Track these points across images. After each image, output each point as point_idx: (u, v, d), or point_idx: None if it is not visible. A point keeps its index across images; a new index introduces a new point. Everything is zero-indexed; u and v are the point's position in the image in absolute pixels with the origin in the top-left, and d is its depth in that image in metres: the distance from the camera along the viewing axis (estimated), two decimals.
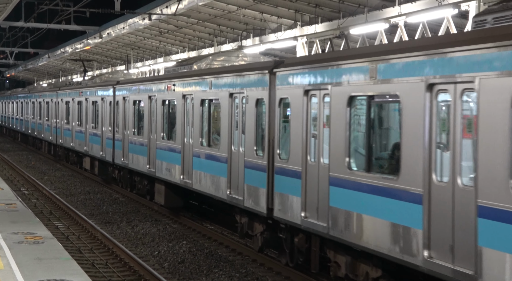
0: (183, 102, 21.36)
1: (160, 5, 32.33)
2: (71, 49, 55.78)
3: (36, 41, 69.52)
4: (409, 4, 21.97)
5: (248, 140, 16.89)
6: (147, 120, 24.74)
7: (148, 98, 24.75)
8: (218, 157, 18.62)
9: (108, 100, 30.27)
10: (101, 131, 31.41)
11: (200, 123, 20.12)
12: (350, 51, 13.64)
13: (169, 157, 22.43)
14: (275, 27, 30.79)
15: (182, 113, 21.36)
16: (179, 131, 21.59)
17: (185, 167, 21.13)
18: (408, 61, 11.24)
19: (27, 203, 25.65)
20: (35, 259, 12.57)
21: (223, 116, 18.36)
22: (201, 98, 19.97)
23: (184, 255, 17.91)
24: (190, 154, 20.65)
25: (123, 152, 27.70)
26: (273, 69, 15.75)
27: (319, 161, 13.99)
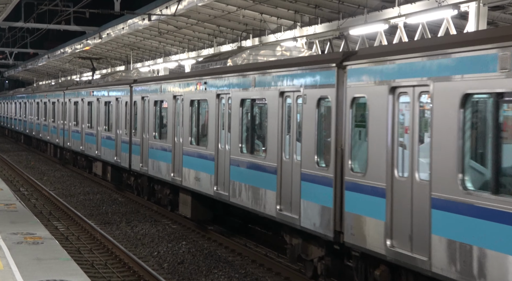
0: (217, 102, 18.87)
1: (160, 6, 32.34)
2: (70, 50, 55.77)
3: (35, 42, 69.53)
4: (408, 5, 21.97)
5: (306, 148, 14.26)
6: (172, 123, 22.19)
7: (172, 98, 22.19)
8: (264, 167, 16.07)
9: (123, 100, 27.88)
10: (115, 135, 29.04)
11: (239, 127, 17.54)
12: (460, 37, 10.74)
13: (199, 164, 20.01)
14: (275, 27, 30.80)
15: (216, 115, 18.87)
16: (212, 136, 19.10)
17: (219, 177, 18.69)
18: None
19: (26, 203, 25.64)
20: (35, 260, 12.57)
21: (270, 119, 15.85)
22: (241, 98, 17.40)
23: (184, 255, 17.91)
24: (227, 162, 18.16)
25: (141, 158, 25.36)
26: (343, 62, 13.16)
27: (412, 176, 11.23)
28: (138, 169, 25.74)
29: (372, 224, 12.09)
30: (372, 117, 12.23)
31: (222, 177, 18.49)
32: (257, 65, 17.13)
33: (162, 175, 23.00)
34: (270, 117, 15.88)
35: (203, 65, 21.28)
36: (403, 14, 22.08)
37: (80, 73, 70.93)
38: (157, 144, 23.69)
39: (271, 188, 15.73)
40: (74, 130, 37.40)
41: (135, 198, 27.54)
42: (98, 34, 45.13)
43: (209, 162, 19.26)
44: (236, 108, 17.67)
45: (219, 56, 20.91)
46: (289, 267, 16.42)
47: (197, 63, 22.13)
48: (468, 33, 10.85)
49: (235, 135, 17.70)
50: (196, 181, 20.11)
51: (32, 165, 41.89)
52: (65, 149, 40.97)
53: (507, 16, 22.93)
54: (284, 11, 28.41)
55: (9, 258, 12.58)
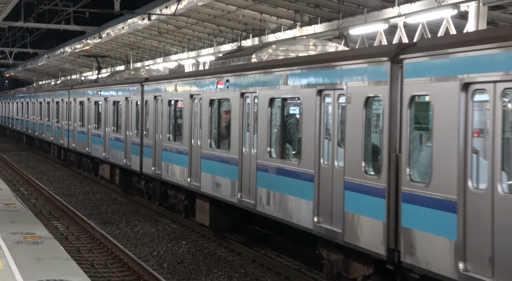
0: (241, 102, 17.23)
1: (160, 5, 32.34)
2: (70, 50, 55.77)
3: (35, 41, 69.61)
4: (408, 5, 21.97)
5: (351, 154, 12.67)
6: (188, 124, 20.63)
7: (189, 98, 20.61)
8: (299, 174, 14.46)
9: (134, 100, 26.22)
10: (124, 136, 27.45)
11: (267, 129, 15.87)
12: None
13: (219, 169, 18.44)
14: (275, 27, 30.79)
15: (240, 116, 17.29)
16: (235, 139, 17.50)
17: (243, 183, 17.13)
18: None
19: (26, 203, 25.64)
20: (34, 259, 12.56)
21: (305, 120, 14.23)
22: (270, 97, 15.77)
23: (184, 255, 17.91)
24: (252, 167, 16.59)
25: (154, 161, 23.78)
26: (398, 56, 11.59)
27: (493, 188, 9.52)
28: (150, 173, 24.19)
29: (439, 242, 10.43)
30: (438, 118, 10.52)
31: (247, 184, 16.86)
32: (289, 61, 15.38)
33: (177, 180, 21.50)
34: (305, 119, 14.21)
35: (223, 62, 19.56)
36: (403, 13, 22.08)
37: (80, 73, 70.92)
38: (171, 146, 22.15)
39: (307, 197, 14.08)
40: (79, 131, 35.94)
41: (135, 197, 27.53)
42: (98, 33, 45.14)
43: (232, 167, 17.64)
44: (264, 109, 16.04)
45: (241, 52, 19.16)
46: (288, 267, 16.41)
47: (216, 60, 20.42)
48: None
49: (263, 138, 16.06)
50: (216, 187, 18.53)
51: (32, 165, 41.88)
52: (70, 150, 39.70)
53: (507, 15, 22.94)
54: (284, 11, 28.41)
55: (8, 258, 12.58)
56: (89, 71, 67.04)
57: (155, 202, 24.88)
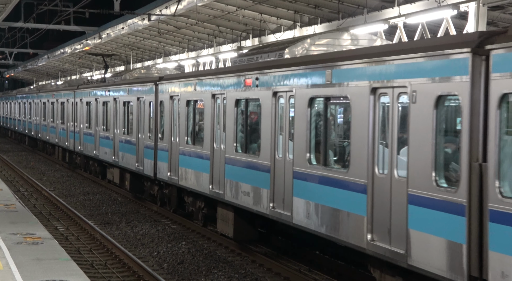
0: (274, 102, 15.56)
1: (160, 6, 32.35)
2: (70, 50, 55.78)
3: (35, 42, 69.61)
4: (408, 5, 21.98)
5: (416, 162, 10.82)
6: (210, 126, 18.93)
7: (211, 97, 18.90)
8: (346, 184, 12.76)
9: (147, 100, 24.49)
10: (136, 139, 25.72)
11: (306, 132, 14.20)
12: None
13: (247, 176, 16.78)
14: (275, 28, 30.80)
15: (272, 118, 15.62)
16: (267, 144, 15.83)
17: (276, 193, 15.47)
18: None
19: (26, 203, 25.64)
20: (34, 260, 12.57)
21: (356, 123, 12.50)
22: (310, 97, 14.06)
23: (183, 255, 17.91)
24: (288, 175, 14.92)
25: (169, 165, 22.08)
26: (482, 46, 9.75)
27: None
28: (165, 178, 22.47)
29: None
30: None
31: (281, 193, 15.30)
32: (334, 56, 13.63)
33: (197, 186, 19.80)
34: (356, 121, 12.49)
35: (249, 59, 17.81)
36: (403, 14, 22.09)
37: (80, 73, 70.92)
38: (190, 150, 20.43)
39: (358, 210, 12.34)
40: (86, 133, 34.19)
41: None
42: (97, 34, 45.15)
43: (262, 174, 16.02)
44: (302, 110, 14.30)
45: (270, 48, 17.37)
46: (289, 267, 16.41)
47: (240, 56, 18.71)
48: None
49: (300, 143, 14.43)
50: (243, 196, 16.90)
51: (32, 165, 41.88)
52: (76, 153, 37.98)
53: (507, 16, 22.94)
54: (283, 11, 28.42)
55: (8, 258, 12.58)
56: (89, 71, 67.04)
57: (169, 209, 23.49)
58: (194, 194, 20.75)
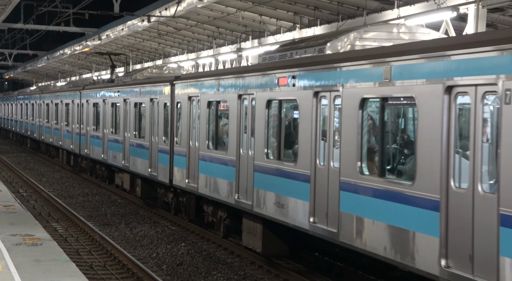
0: (315, 103, 13.92)
1: (159, 7, 32.38)
2: (70, 51, 55.80)
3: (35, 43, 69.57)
4: (407, 7, 22.00)
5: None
6: (236, 130, 17.34)
7: (237, 98, 17.30)
8: (413, 198, 10.92)
9: (161, 101, 22.99)
10: (149, 142, 24.18)
11: (357, 138, 12.47)
12: None
13: (283, 186, 15.06)
14: (274, 29, 30.82)
15: (313, 121, 13.95)
16: (306, 149, 14.18)
17: (318, 206, 13.80)
18: None
19: (25, 204, 25.64)
20: (34, 261, 12.56)
21: (423, 127, 10.73)
22: (362, 97, 12.36)
23: (183, 257, 17.91)
24: (333, 186, 13.21)
25: (187, 172, 20.49)
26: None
27: None
28: (182, 185, 20.90)
29: None
30: None
31: (323, 207, 13.61)
32: (396, 49, 11.82)
33: (220, 195, 18.21)
34: (425, 126, 10.72)
35: (281, 55, 16.05)
36: (402, 16, 22.11)
37: (80, 75, 70.92)
38: (212, 156, 18.78)
39: (429, 231, 10.51)
40: (93, 135, 32.57)
41: (134, 199, 27.52)
42: (97, 35, 45.15)
43: (301, 185, 14.29)
44: (352, 112, 12.60)
45: (307, 43, 15.54)
46: (288, 268, 16.41)
47: (269, 53, 16.90)
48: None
49: (350, 150, 12.60)
50: (276, 208, 15.25)
51: (31, 166, 41.87)
52: (82, 157, 36.15)
53: (506, 18, 22.96)
54: (283, 13, 28.43)
55: (8, 260, 12.58)
56: (89, 72, 67.04)
57: (185, 219, 22.05)
58: (215, 203, 19.18)
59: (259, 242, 16.63)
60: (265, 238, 16.50)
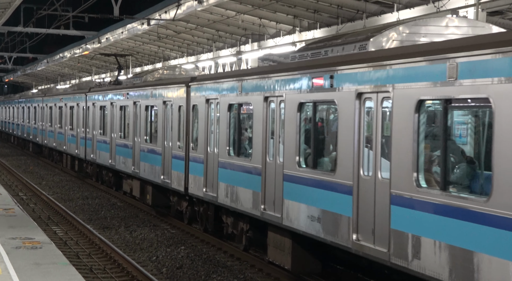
0: (358, 106, 12.50)
1: (159, 11, 32.40)
2: (69, 54, 55.82)
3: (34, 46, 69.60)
4: (407, 10, 22.03)
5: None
6: (261, 135, 16.08)
7: (262, 101, 15.91)
8: (488, 218, 9.40)
9: (175, 104, 21.63)
10: (162, 148, 22.84)
11: (413, 145, 10.93)
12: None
13: (318, 198, 13.65)
14: (274, 32, 30.84)
15: (356, 125, 12.53)
16: (346, 157, 12.74)
17: (363, 221, 12.30)
18: None
19: (25, 208, 25.62)
20: (33, 264, 12.55)
21: (500, 130, 9.25)
22: (419, 98, 10.79)
23: (183, 260, 17.90)
24: (382, 199, 11.71)
25: (205, 179, 19.18)
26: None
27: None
28: (199, 194, 19.60)
29: None
30: None
31: (370, 223, 12.12)
32: (460, 43, 10.21)
33: (243, 206, 16.88)
34: (502, 131, 9.20)
35: (314, 53, 14.61)
36: (402, 19, 22.12)
37: (80, 78, 70.94)
38: (234, 163, 17.47)
39: (502, 254, 9.18)
40: (100, 140, 31.20)
41: (133, 202, 27.51)
42: (97, 38, 45.17)
43: (342, 197, 12.87)
44: (406, 115, 11.05)
45: (343, 39, 14.10)
46: (288, 272, 16.40)
47: (300, 51, 15.37)
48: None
49: (403, 158, 11.12)
50: (311, 222, 13.83)
51: (30, 170, 41.87)
52: (87, 162, 34.76)
53: (506, 21, 22.98)
54: (283, 16, 28.45)
55: (7, 263, 12.57)
56: (88, 76, 67.05)
57: (201, 229, 20.81)
58: (236, 213, 17.83)
59: (287, 259, 15.23)
60: (295, 254, 15.00)
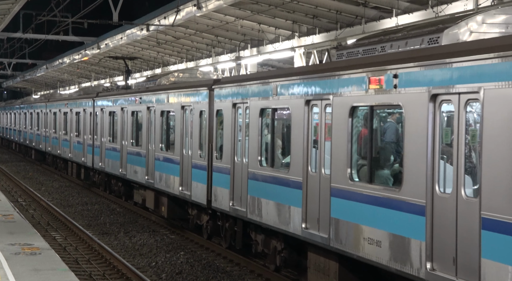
0: (432, 109, 10.62)
1: (158, 16, 32.42)
2: (69, 60, 55.84)
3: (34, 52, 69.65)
4: (406, 15, 22.04)
5: None
6: (303, 144, 14.20)
7: (303, 105, 14.16)
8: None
9: (196, 109, 20.07)
10: (180, 156, 21.25)
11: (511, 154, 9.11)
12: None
13: (377, 217, 11.80)
14: (273, 38, 30.86)
15: (430, 132, 10.58)
16: (416, 171, 10.80)
17: (439, 247, 10.38)
18: None
19: (24, 214, 25.61)
20: (32, 270, 12.53)
21: None
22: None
23: (182, 266, 17.88)
24: (467, 221, 9.88)
25: (232, 192, 17.50)
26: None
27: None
28: (225, 208, 17.89)
29: None
30: None
31: (450, 250, 10.15)
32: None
33: (279, 223, 15.02)
34: None
35: (367, 50, 12.89)
36: (401, 24, 22.14)
37: (79, 83, 70.97)
38: (267, 174, 15.69)
39: None
40: (109, 148, 29.63)
41: (133, 208, 27.49)
42: (96, 44, 45.19)
43: (410, 217, 10.92)
44: (499, 122, 9.29)
45: (405, 33, 12.34)
46: (288, 277, 16.39)
47: (348, 48, 13.79)
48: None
49: (497, 172, 9.27)
50: (369, 245, 11.91)
51: (30, 175, 41.85)
52: (94, 170, 33.18)
53: None
54: (282, 22, 28.47)
55: (6, 269, 12.55)
56: (88, 81, 67.08)
57: (224, 246, 19.15)
58: (268, 230, 16.08)
59: None
60: (343, 279, 13.31)
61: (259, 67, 36.26)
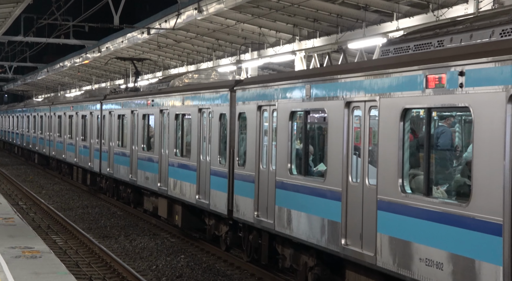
0: (511, 111, 9.24)
1: (159, 20, 32.45)
2: (70, 64, 55.88)
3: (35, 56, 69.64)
4: (406, 19, 22.05)
5: None
6: (342, 150, 12.95)
7: (343, 107, 12.87)
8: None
9: (215, 112, 18.80)
10: (197, 163, 19.97)
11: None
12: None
13: (436, 234, 10.39)
14: (274, 41, 30.88)
15: (507, 140, 9.14)
16: (489, 183, 9.45)
17: None
18: None
19: (25, 217, 25.60)
20: (33, 274, 12.53)
21: None
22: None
23: (182, 269, 17.87)
24: None
25: (256, 202, 16.24)
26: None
27: None
28: (249, 219, 16.60)
29: None
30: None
31: None
32: None
33: (312, 238, 13.79)
34: None
35: (419, 45, 11.57)
36: (401, 28, 22.15)
37: (79, 87, 71.00)
38: (298, 184, 14.42)
39: None
40: (118, 152, 28.49)
41: (133, 211, 27.45)
42: (97, 47, 45.22)
43: (477, 236, 9.60)
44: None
45: (469, 23, 11.07)
46: (288, 280, 16.37)
47: (395, 43, 12.42)
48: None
49: None
50: (427, 267, 10.47)
51: (30, 179, 41.84)
52: (102, 176, 31.93)
53: None
54: (282, 25, 28.48)
55: (7, 272, 12.54)
56: (89, 85, 67.12)
57: (246, 259, 17.85)
58: (298, 245, 14.71)
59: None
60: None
61: (260, 70, 36.28)
